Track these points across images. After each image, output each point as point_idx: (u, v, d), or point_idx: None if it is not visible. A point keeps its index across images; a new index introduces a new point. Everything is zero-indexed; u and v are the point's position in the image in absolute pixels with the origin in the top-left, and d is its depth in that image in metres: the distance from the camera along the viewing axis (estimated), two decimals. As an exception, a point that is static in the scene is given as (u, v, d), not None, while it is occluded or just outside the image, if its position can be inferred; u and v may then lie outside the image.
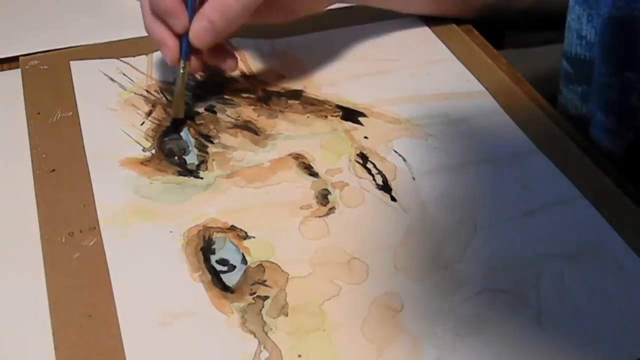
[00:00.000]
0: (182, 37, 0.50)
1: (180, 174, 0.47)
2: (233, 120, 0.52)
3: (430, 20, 0.62)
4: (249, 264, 0.42)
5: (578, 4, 0.54)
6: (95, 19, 0.62)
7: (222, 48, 0.53)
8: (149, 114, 0.52)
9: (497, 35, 0.65)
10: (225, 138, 0.50)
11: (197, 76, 0.55)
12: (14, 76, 0.55)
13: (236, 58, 0.53)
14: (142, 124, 0.51)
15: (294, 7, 0.54)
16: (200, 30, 0.49)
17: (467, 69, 0.57)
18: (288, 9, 0.54)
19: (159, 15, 0.49)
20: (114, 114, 0.52)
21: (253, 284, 0.41)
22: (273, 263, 0.42)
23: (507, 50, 0.64)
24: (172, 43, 0.50)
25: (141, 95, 0.54)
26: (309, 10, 0.56)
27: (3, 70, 0.56)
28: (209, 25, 0.48)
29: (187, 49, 0.50)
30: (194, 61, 0.51)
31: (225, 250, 0.43)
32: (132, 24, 0.55)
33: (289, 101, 0.54)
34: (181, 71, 0.50)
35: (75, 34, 0.60)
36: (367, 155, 0.49)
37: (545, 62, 0.67)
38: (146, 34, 0.51)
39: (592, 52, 0.55)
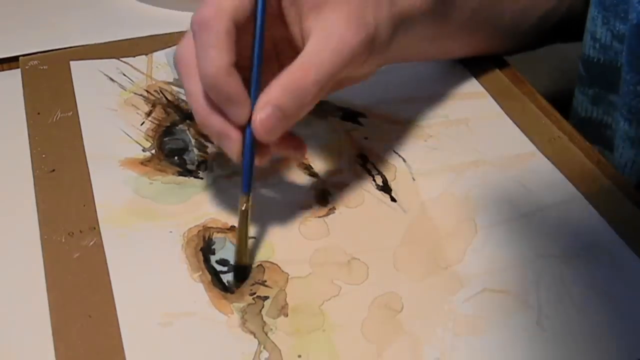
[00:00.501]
0: (245, 130, 0.40)
1: (180, 174, 0.47)
2: (233, 121, 0.52)
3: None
4: (249, 264, 0.42)
5: (594, 5, 0.53)
6: (95, 19, 0.62)
7: (288, 134, 0.42)
8: (148, 114, 0.52)
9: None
10: (225, 138, 0.50)
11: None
12: (14, 76, 0.55)
13: (305, 146, 0.43)
14: (142, 124, 0.51)
15: (341, 82, 0.44)
16: (268, 120, 0.38)
17: (467, 69, 0.57)
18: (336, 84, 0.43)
19: (216, 102, 0.39)
20: (114, 114, 0.52)
21: (253, 284, 0.41)
22: (273, 263, 0.42)
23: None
24: (235, 134, 0.40)
25: (141, 95, 0.54)
26: (351, 83, 0.46)
27: (3, 70, 0.56)
28: (278, 112, 0.38)
29: (251, 144, 0.40)
30: (259, 160, 0.41)
31: (225, 250, 0.42)
32: (132, 24, 0.55)
33: (289, 101, 0.54)
34: (242, 208, 0.41)
35: (75, 34, 0.60)
36: (367, 155, 0.49)
37: (546, 62, 0.67)
38: (146, 34, 0.50)
39: (606, 55, 0.54)
